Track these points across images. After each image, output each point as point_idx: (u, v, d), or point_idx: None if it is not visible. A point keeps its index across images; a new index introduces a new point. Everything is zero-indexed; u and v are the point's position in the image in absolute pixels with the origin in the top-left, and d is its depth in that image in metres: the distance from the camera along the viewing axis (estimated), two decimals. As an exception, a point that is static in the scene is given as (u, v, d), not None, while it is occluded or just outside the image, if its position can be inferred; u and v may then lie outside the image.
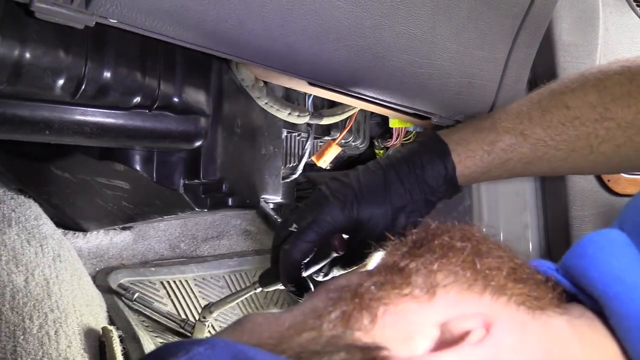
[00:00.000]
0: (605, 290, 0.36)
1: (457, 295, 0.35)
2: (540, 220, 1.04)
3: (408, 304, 0.34)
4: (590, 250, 0.38)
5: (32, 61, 0.50)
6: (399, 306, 0.34)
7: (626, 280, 0.36)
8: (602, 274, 0.36)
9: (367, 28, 0.61)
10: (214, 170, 0.71)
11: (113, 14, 0.47)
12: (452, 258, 0.36)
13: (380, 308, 0.34)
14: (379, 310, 0.34)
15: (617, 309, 0.35)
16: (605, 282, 0.36)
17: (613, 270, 0.36)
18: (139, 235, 1.02)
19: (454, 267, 0.36)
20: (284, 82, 0.70)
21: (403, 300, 0.34)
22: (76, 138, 0.58)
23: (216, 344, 0.30)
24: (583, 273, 0.37)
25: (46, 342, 0.65)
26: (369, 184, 0.61)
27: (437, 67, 0.70)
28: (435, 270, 0.35)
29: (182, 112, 0.61)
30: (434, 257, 0.36)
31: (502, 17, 0.72)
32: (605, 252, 0.37)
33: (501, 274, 0.36)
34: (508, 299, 0.36)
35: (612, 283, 0.36)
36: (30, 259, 0.73)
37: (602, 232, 0.38)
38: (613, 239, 0.38)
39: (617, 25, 1.09)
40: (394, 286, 0.35)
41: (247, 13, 0.52)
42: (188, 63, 0.61)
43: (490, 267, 0.36)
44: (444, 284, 0.35)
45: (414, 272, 0.35)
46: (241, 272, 1.07)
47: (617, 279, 0.36)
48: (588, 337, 0.36)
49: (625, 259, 0.37)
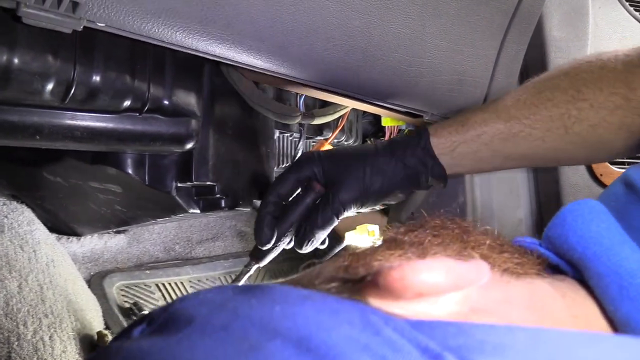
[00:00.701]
0: (584, 252, 0.38)
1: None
2: (534, 215, 1.05)
3: (401, 262, 0.36)
4: (570, 218, 0.40)
5: (21, 66, 0.50)
6: (393, 263, 0.35)
7: (603, 242, 0.38)
8: (581, 238, 0.38)
9: (357, 27, 0.61)
10: (206, 172, 0.71)
11: (100, 17, 0.47)
12: (442, 234, 0.39)
13: (376, 262, 0.35)
14: (375, 263, 0.35)
15: (595, 268, 0.37)
16: (584, 245, 0.38)
17: (591, 234, 0.38)
18: (134, 238, 1.02)
19: (443, 240, 0.38)
20: (274, 82, 0.70)
21: (396, 259, 0.36)
22: (67, 142, 0.58)
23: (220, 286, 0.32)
24: (564, 240, 0.39)
25: (41, 347, 0.65)
26: (350, 151, 0.68)
27: (428, 65, 0.70)
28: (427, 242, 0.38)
29: (172, 114, 0.61)
30: (426, 232, 0.39)
31: (492, 13, 0.72)
32: (584, 218, 0.39)
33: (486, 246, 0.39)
34: (492, 266, 0.37)
35: (590, 245, 0.38)
36: (24, 265, 0.73)
37: (581, 202, 0.40)
38: (592, 207, 0.40)
39: (606, 20, 1.09)
40: (389, 248, 0.37)
41: (235, 14, 0.52)
42: (178, 65, 0.61)
43: (476, 240, 0.39)
44: (433, 252, 0.37)
45: (408, 243, 0.37)
46: (236, 273, 1.07)
47: (595, 241, 0.38)
48: (570, 296, 0.38)
49: (603, 224, 0.39)
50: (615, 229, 0.39)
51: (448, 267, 0.31)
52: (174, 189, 0.70)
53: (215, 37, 0.53)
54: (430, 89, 0.74)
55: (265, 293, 0.30)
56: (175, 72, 0.60)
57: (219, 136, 0.73)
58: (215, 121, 0.72)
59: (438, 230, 0.39)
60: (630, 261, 0.36)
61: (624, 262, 0.36)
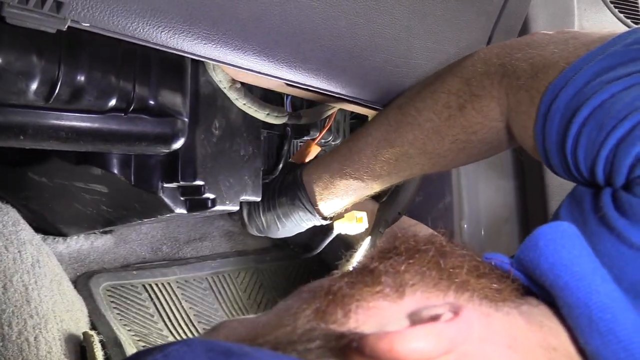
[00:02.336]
0: (556, 281, 0.37)
1: (424, 293, 0.37)
2: (521, 215, 1.06)
3: (379, 301, 0.36)
4: (542, 243, 0.39)
5: (5, 66, 0.49)
6: (371, 302, 0.36)
7: (574, 270, 0.37)
8: (552, 265, 0.37)
9: (343, 28, 0.61)
10: (193, 172, 0.71)
11: (85, 17, 0.46)
12: (418, 259, 0.38)
13: (353, 304, 0.35)
14: (352, 305, 0.35)
15: (566, 298, 0.36)
16: (555, 273, 0.37)
17: (562, 261, 0.37)
18: (120, 238, 1.01)
19: (420, 268, 0.38)
20: (261, 82, 0.70)
21: (374, 298, 0.36)
22: (51, 143, 0.57)
23: (192, 342, 0.31)
24: (536, 265, 0.39)
25: (26, 348, 0.64)
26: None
27: (414, 66, 0.71)
28: (403, 270, 0.37)
29: (158, 114, 0.61)
30: (401, 259, 0.38)
31: (477, 15, 0.72)
32: (555, 243, 0.38)
33: (463, 271, 0.38)
34: (471, 295, 0.37)
35: (561, 273, 0.37)
36: (9, 266, 0.72)
37: (553, 225, 0.39)
38: (563, 231, 0.39)
39: (592, 22, 1.10)
40: (366, 284, 0.36)
41: (220, 14, 0.52)
42: (163, 65, 0.61)
43: (453, 265, 0.38)
44: (411, 282, 0.37)
45: (383, 273, 0.37)
46: (224, 274, 1.07)
47: (566, 269, 0.37)
48: (546, 325, 0.37)
49: (575, 250, 0.38)
50: (586, 255, 0.38)
51: (438, 332, 0.31)
52: (160, 189, 0.70)
53: (201, 37, 0.53)
54: (417, 89, 0.74)
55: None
56: (160, 72, 0.60)
57: (206, 136, 0.72)
58: (201, 121, 0.72)
59: (413, 254, 0.39)
60: (601, 294, 0.35)
61: (594, 294, 0.35)
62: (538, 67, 0.54)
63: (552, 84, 0.51)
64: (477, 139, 0.64)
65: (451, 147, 0.66)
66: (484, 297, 0.38)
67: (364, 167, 0.74)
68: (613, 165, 0.43)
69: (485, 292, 0.38)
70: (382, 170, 0.73)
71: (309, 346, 0.33)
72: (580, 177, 0.48)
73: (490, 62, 0.62)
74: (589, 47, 0.51)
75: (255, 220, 0.90)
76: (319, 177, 0.81)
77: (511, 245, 1.05)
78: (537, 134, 0.52)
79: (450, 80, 0.66)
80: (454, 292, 0.37)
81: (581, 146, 0.46)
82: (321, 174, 0.80)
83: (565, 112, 0.49)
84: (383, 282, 0.36)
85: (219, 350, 0.30)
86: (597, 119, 0.45)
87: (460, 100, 0.63)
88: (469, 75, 0.64)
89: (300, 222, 0.86)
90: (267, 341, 0.35)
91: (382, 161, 0.71)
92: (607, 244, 0.40)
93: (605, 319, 0.35)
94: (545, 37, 0.59)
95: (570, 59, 0.51)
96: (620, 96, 0.44)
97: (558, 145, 0.49)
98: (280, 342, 0.34)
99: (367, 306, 0.35)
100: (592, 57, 0.49)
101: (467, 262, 0.39)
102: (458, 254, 0.40)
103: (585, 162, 0.46)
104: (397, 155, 0.70)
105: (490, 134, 0.63)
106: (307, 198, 0.82)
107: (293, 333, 0.34)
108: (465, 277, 0.38)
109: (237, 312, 1.04)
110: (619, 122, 0.43)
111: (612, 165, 0.43)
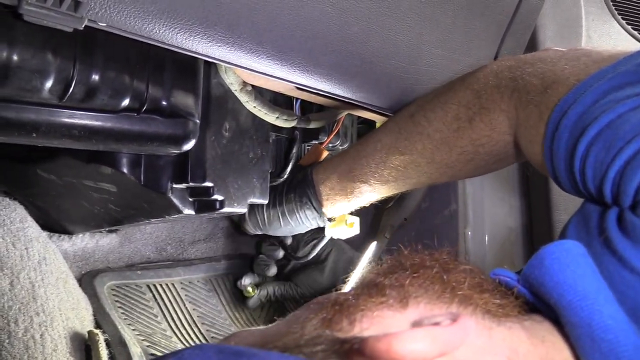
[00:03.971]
0: (559, 299, 0.38)
1: (428, 305, 0.38)
2: (525, 224, 1.06)
3: (383, 311, 0.37)
4: (547, 261, 0.39)
5: (20, 64, 0.50)
6: (375, 312, 0.37)
7: (577, 289, 0.37)
8: (556, 284, 0.38)
9: (355, 34, 0.62)
10: (202, 173, 0.71)
11: (102, 17, 0.47)
12: (423, 274, 0.39)
13: (358, 313, 0.37)
14: (357, 314, 0.37)
15: (569, 317, 0.37)
16: (559, 292, 0.38)
17: (567, 280, 0.38)
18: (125, 238, 1.02)
19: (424, 282, 0.39)
20: (271, 86, 0.70)
21: (379, 308, 0.37)
22: (64, 141, 0.58)
23: (203, 346, 0.33)
24: (541, 282, 0.39)
25: (32, 345, 0.64)
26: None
27: (424, 73, 0.71)
28: (407, 284, 0.38)
29: (170, 115, 0.61)
30: (406, 274, 0.39)
31: (488, 23, 0.73)
32: (560, 262, 0.39)
33: (466, 286, 0.39)
34: (474, 308, 0.38)
35: (565, 292, 0.37)
36: (16, 262, 0.72)
37: (559, 243, 0.40)
38: (569, 249, 0.40)
39: (599, 32, 1.11)
40: (370, 296, 0.38)
41: (236, 18, 0.53)
42: (176, 66, 0.61)
43: (457, 280, 0.39)
44: (415, 295, 0.38)
45: (388, 287, 0.38)
46: (228, 275, 1.07)
47: (570, 288, 0.37)
48: (549, 340, 0.38)
49: (579, 269, 0.38)
50: (590, 275, 0.38)
51: (434, 335, 0.32)
52: (169, 190, 0.70)
53: (216, 40, 0.53)
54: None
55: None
56: (174, 73, 0.61)
57: (215, 138, 0.73)
58: (212, 123, 0.72)
59: (417, 269, 0.40)
60: (604, 315, 0.36)
61: (596, 314, 0.36)
62: (548, 83, 0.55)
63: (562, 100, 0.51)
64: (485, 151, 0.64)
65: (459, 158, 0.66)
66: (486, 312, 0.38)
67: (372, 171, 0.74)
68: (620, 186, 0.43)
69: (488, 306, 0.39)
70: (390, 176, 0.73)
71: (314, 349, 0.34)
72: (588, 195, 0.48)
73: (501, 75, 0.62)
74: (600, 65, 0.51)
75: (257, 215, 0.90)
76: (328, 177, 0.81)
77: (515, 254, 1.05)
78: (545, 150, 0.53)
79: (462, 92, 0.66)
80: (457, 304, 0.38)
81: (589, 165, 0.46)
82: (330, 175, 0.81)
83: (573, 130, 0.49)
84: (387, 294, 0.38)
85: (229, 352, 0.31)
86: (605, 139, 0.45)
87: (469, 113, 0.64)
88: (480, 87, 0.64)
89: (304, 220, 0.86)
90: (276, 346, 0.36)
91: (391, 167, 0.72)
92: (610, 267, 0.41)
93: (607, 339, 0.35)
94: (558, 53, 0.59)
95: (581, 76, 0.51)
96: (627, 117, 0.45)
97: (566, 163, 0.50)
98: (287, 346, 0.35)
99: (372, 315, 0.37)
100: (602, 75, 0.50)
101: (470, 277, 0.40)
102: (461, 270, 0.40)
103: (593, 181, 0.46)
104: (406, 163, 0.70)
105: (498, 147, 0.63)
106: (315, 197, 0.82)
107: (300, 338, 0.36)
108: (468, 292, 0.39)
109: (240, 315, 1.04)
110: (626, 144, 0.43)
111: (619, 187, 0.43)
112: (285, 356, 0.33)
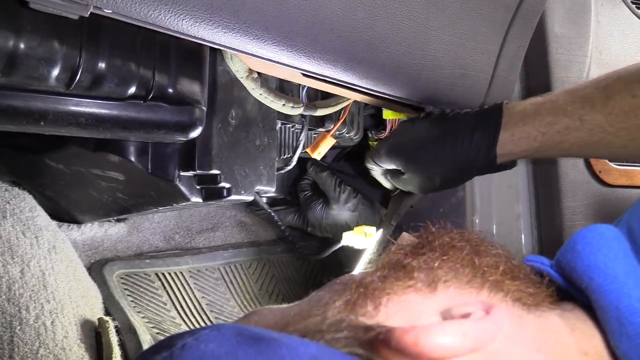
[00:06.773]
0: (590, 283, 0.37)
1: (457, 289, 0.36)
2: (532, 211, 1.05)
3: (411, 295, 0.36)
4: (580, 245, 0.39)
5: (27, 52, 0.50)
6: (402, 296, 0.35)
7: (608, 272, 0.37)
8: (588, 267, 0.38)
9: (361, 19, 0.62)
10: (209, 161, 0.71)
11: (108, 4, 0.47)
12: (452, 256, 0.38)
13: (384, 297, 0.35)
14: (383, 299, 0.35)
15: (599, 301, 0.36)
16: (590, 275, 0.37)
17: (598, 263, 0.37)
18: (134, 227, 1.02)
19: (454, 265, 0.37)
20: (277, 73, 0.70)
21: (406, 292, 0.36)
22: (71, 129, 0.58)
23: (222, 327, 0.32)
24: (573, 267, 0.39)
25: (43, 332, 0.65)
26: (416, 139, 0.72)
27: (431, 59, 0.70)
28: (436, 267, 0.37)
29: (176, 102, 0.61)
30: (435, 255, 0.38)
31: (495, 8, 0.72)
32: (592, 245, 0.38)
33: (498, 272, 0.38)
34: (505, 295, 0.37)
35: (596, 275, 0.37)
36: (26, 251, 0.73)
37: (592, 227, 0.40)
38: (601, 233, 0.39)
39: (608, 17, 1.09)
40: (398, 279, 0.36)
41: (242, 3, 0.53)
42: (182, 54, 0.61)
43: (488, 264, 0.38)
44: (444, 279, 0.36)
45: (417, 269, 0.37)
46: (236, 264, 1.08)
47: (601, 272, 0.37)
48: (579, 328, 0.37)
49: (611, 252, 0.38)
50: (622, 258, 0.38)
51: (465, 330, 0.31)
52: (176, 178, 0.71)
53: (222, 26, 0.53)
54: (433, 82, 0.74)
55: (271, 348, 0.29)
56: (180, 60, 0.61)
57: (222, 126, 0.73)
58: (218, 111, 0.72)
59: (447, 250, 0.38)
60: (632, 297, 0.35)
61: (624, 297, 0.35)
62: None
63: None
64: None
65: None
66: (517, 299, 0.37)
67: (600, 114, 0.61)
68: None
69: (519, 294, 0.38)
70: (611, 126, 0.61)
71: (336, 336, 0.33)
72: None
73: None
74: None
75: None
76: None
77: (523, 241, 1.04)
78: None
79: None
80: (488, 290, 0.37)
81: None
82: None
83: None
84: (416, 277, 0.36)
85: (247, 335, 0.30)
86: None
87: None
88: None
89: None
90: (297, 329, 0.35)
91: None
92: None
93: (635, 322, 0.34)
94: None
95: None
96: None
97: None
98: (309, 330, 0.34)
99: (398, 300, 0.35)
100: None
101: (502, 263, 0.39)
102: (493, 254, 0.39)
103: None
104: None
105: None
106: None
107: (322, 323, 0.34)
108: (499, 277, 0.37)
109: (248, 302, 1.05)
110: None
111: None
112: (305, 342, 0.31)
